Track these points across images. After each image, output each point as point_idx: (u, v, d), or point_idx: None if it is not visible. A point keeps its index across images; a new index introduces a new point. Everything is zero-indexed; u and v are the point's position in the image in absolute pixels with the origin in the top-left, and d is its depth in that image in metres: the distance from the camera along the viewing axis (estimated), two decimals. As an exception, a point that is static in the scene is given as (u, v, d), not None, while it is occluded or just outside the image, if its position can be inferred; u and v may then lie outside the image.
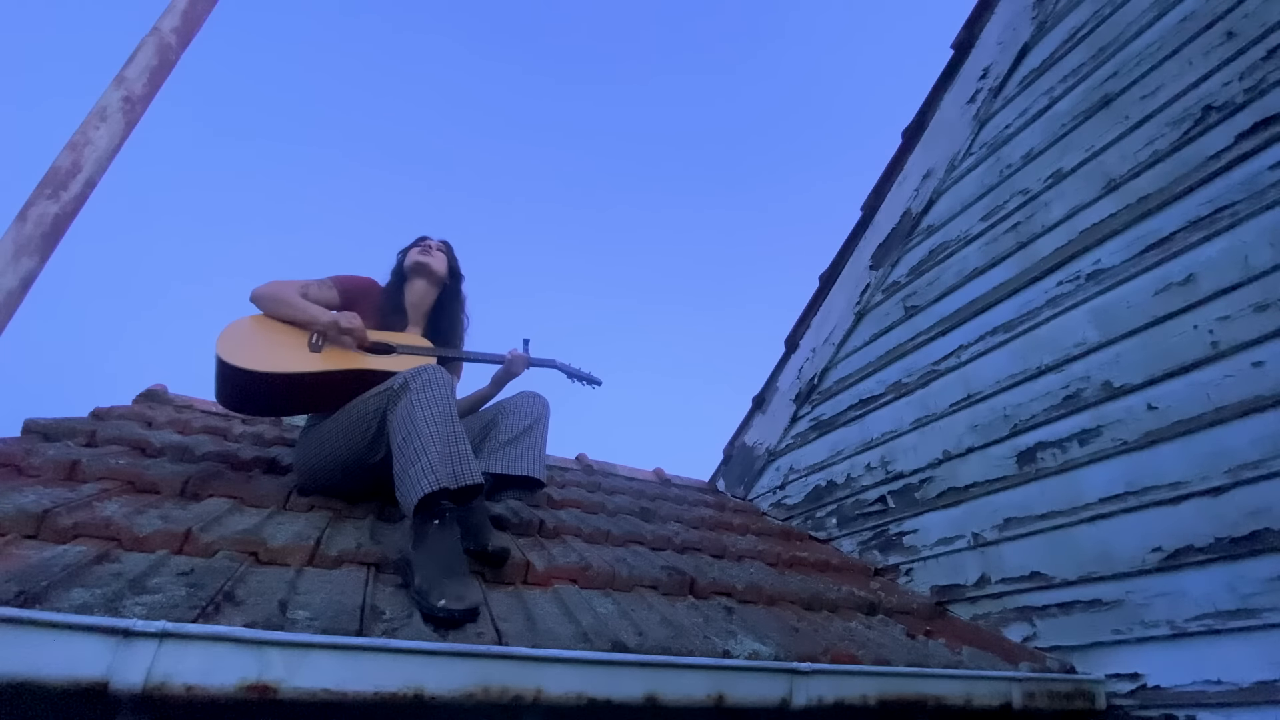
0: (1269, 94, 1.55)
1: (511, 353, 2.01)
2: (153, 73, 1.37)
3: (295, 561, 1.28)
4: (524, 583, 1.48)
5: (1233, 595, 1.40)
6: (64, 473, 1.45)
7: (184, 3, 1.46)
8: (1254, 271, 1.49)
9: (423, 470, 1.34)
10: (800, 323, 3.27)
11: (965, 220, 2.45)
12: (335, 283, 1.87)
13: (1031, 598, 1.81)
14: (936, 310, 2.45)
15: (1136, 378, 1.69)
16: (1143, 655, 1.53)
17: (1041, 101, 2.25)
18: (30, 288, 1.14)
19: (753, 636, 1.41)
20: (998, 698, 1.45)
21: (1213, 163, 1.63)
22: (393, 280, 2.05)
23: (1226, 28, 1.69)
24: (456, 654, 1.00)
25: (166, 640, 0.85)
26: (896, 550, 2.32)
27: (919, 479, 2.31)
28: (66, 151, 1.23)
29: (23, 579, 0.92)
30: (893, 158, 2.89)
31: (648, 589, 1.61)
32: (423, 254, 2.05)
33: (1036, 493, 1.88)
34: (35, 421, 1.73)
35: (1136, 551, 1.59)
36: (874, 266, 2.89)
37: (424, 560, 1.25)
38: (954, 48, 2.67)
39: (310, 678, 0.91)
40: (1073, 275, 1.94)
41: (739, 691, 1.18)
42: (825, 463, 2.84)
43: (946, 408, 2.27)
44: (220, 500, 1.50)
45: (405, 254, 2.08)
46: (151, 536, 1.20)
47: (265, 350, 1.63)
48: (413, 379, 1.51)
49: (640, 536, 2.07)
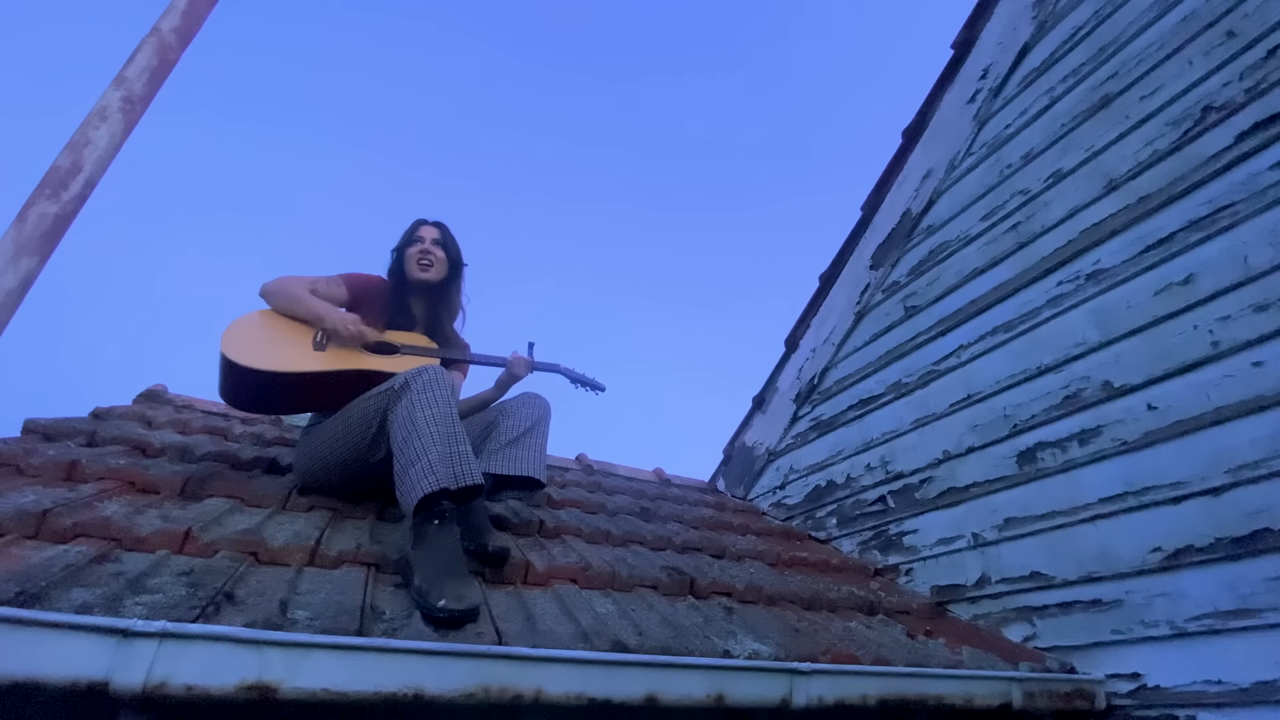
0: (1269, 94, 1.55)
1: (515, 355, 2.01)
2: (153, 73, 1.37)
3: (295, 561, 1.28)
4: (524, 583, 1.48)
5: (1233, 595, 1.40)
6: (64, 473, 1.45)
7: (184, 3, 1.46)
8: (1254, 271, 1.49)
9: (423, 470, 1.34)
10: (800, 323, 3.27)
11: (965, 220, 2.45)
12: (344, 280, 1.86)
13: (1031, 598, 1.81)
14: (936, 310, 2.45)
15: (1136, 378, 1.69)
16: (1143, 655, 1.53)
17: (1042, 101, 2.25)
18: (30, 288, 1.14)
19: (753, 636, 1.41)
20: (998, 698, 1.45)
21: (1213, 163, 1.63)
22: (394, 284, 1.94)
23: (1226, 28, 1.69)
24: (456, 654, 1.00)
25: (166, 640, 0.85)
26: (896, 550, 2.32)
27: (919, 479, 2.31)
28: (66, 151, 1.23)
29: (23, 579, 0.92)
30: (893, 158, 2.89)
31: (648, 589, 1.61)
32: (423, 267, 1.92)
33: (1036, 493, 1.88)
34: (35, 421, 1.73)
35: (1136, 551, 1.59)
36: (874, 266, 2.89)
37: (424, 560, 1.25)
38: (954, 48, 2.67)
39: (310, 678, 0.91)
40: (1073, 275, 1.94)
41: (739, 691, 1.18)
42: (825, 463, 2.84)
43: (946, 408, 2.27)
44: (220, 500, 1.50)
45: (403, 256, 1.94)
46: (151, 536, 1.20)
47: (270, 348, 1.63)
48: (413, 379, 1.51)
49: (640, 536, 2.07)
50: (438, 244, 1.97)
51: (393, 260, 2.00)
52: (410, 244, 1.96)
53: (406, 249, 1.95)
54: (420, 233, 1.98)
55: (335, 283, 1.83)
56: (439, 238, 1.99)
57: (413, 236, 1.98)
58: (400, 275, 1.95)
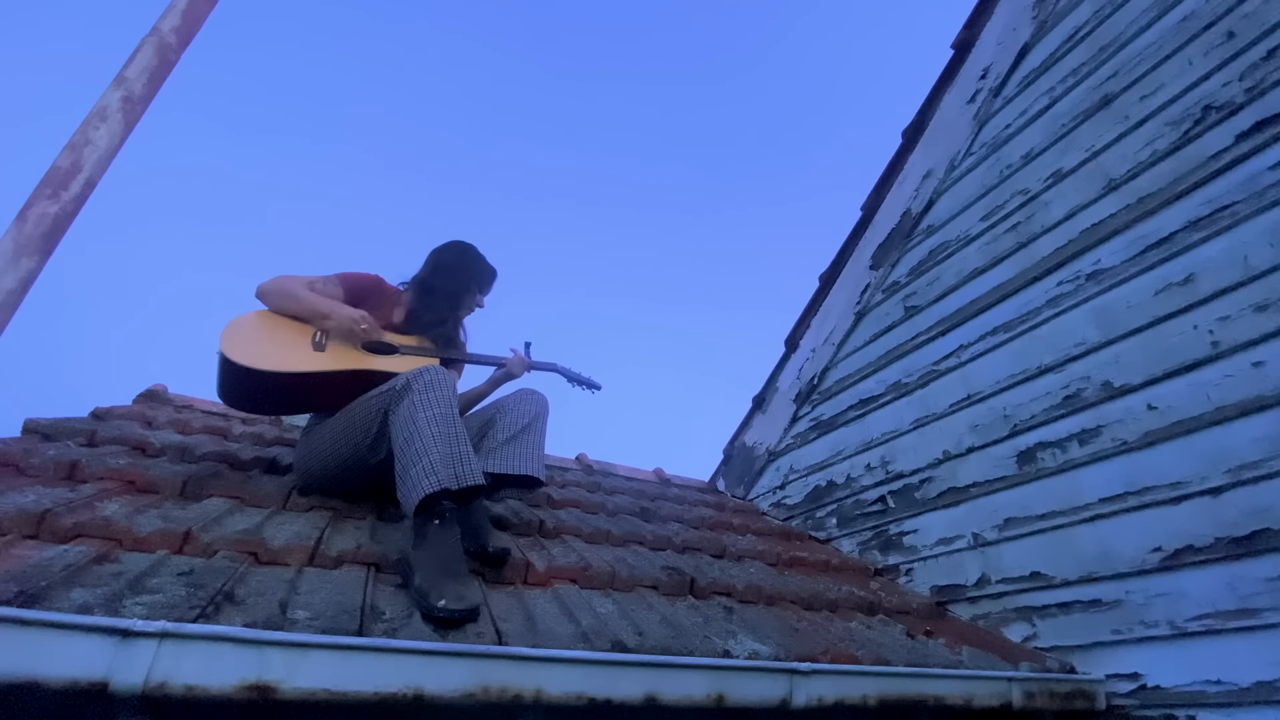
0: (1269, 94, 1.55)
1: (514, 354, 2.01)
2: (153, 73, 1.37)
3: (295, 561, 1.28)
4: (524, 583, 1.48)
5: (1233, 595, 1.40)
6: (64, 473, 1.45)
7: (184, 3, 1.46)
8: (1254, 271, 1.49)
9: (424, 471, 1.34)
10: (800, 323, 3.27)
11: (965, 220, 2.45)
12: (341, 280, 1.85)
13: (1031, 598, 1.81)
14: (936, 310, 2.45)
15: (1136, 378, 1.69)
16: (1143, 655, 1.53)
17: (1042, 101, 2.25)
18: (30, 288, 1.14)
19: (753, 636, 1.41)
20: (998, 698, 1.45)
21: (1213, 163, 1.63)
22: (427, 295, 1.93)
23: (1226, 28, 1.69)
24: (456, 654, 1.00)
25: (166, 640, 0.85)
26: (896, 550, 2.32)
27: (919, 479, 2.31)
28: (66, 151, 1.23)
29: (23, 579, 0.92)
30: (893, 158, 2.89)
31: (648, 589, 1.61)
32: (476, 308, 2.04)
33: (1036, 493, 1.88)
34: (35, 421, 1.73)
35: (1136, 551, 1.59)
36: (874, 266, 2.89)
37: (424, 560, 1.25)
38: (954, 48, 2.67)
39: (310, 678, 0.91)
40: (1073, 275, 1.94)
41: (739, 691, 1.18)
42: (825, 463, 2.84)
43: (946, 408, 2.27)
44: (220, 500, 1.50)
45: (460, 295, 1.97)
46: (151, 536, 1.20)
47: (269, 348, 1.62)
48: (415, 380, 1.51)
49: (640, 536, 2.07)
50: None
51: (437, 277, 1.97)
52: (469, 293, 2.00)
53: (465, 295, 1.99)
54: (486, 290, 2.06)
55: (332, 282, 1.83)
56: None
57: (481, 288, 2.04)
58: (441, 294, 1.95)
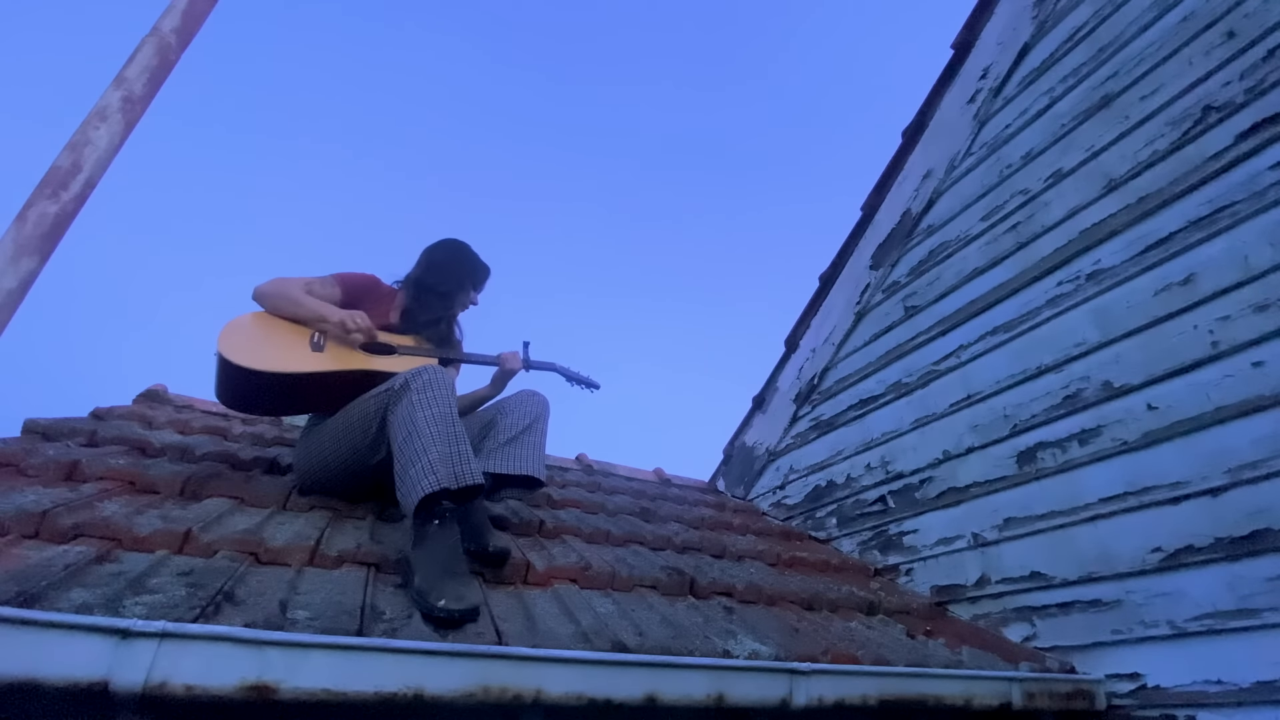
0: (1269, 94, 1.55)
1: (512, 355, 2.01)
2: (153, 73, 1.37)
3: (295, 561, 1.28)
4: (524, 583, 1.48)
5: (1233, 595, 1.40)
6: (64, 473, 1.45)
7: (184, 3, 1.46)
8: (1254, 271, 1.49)
9: (423, 470, 1.34)
10: (800, 323, 3.27)
11: (965, 220, 2.45)
12: (338, 280, 1.85)
13: (1031, 598, 1.81)
14: (936, 310, 2.45)
15: (1136, 378, 1.69)
16: (1143, 655, 1.53)
17: (1042, 101, 2.25)
18: (30, 288, 1.14)
19: (753, 636, 1.41)
20: (998, 698, 1.44)
21: (1213, 163, 1.63)
22: (422, 296, 1.94)
23: (1226, 28, 1.69)
24: (456, 654, 1.00)
25: (166, 640, 0.85)
26: (896, 550, 2.32)
27: (919, 479, 2.31)
28: (66, 151, 1.23)
29: (23, 579, 0.92)
30: (893, 158, 2.89)
31: (648, 589, 1.61)
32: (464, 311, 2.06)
33: (1036, 493, 1.88)
34: (35, 421, 1.73)
35: (1136, 551, 1.59)
36: (874, 266, 2.89)
37: (424, 560, 1.25)
38: (954, 48, 2.67)
39: (310, 678, 0.91)
40: (1073, 275, 1.94)
41: (739, 691, 1.18)
42: (825, 463, 2.84)
43: (946, 408, 2.27)
44: (220, 500, 1.50)
45: (455, 293, 1.98)
46: (151, 536, 1.20)
47: (267, 349, 1.62)
48: (413, 379, 1.51)
49: (640, 536, 2.07)
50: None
51: (431, 275, 1.98)
52: (464, 290, 2.02)
53: (459, 293, 2.01)
54: (480, 288, 2.08)
55: (329, 283, 1.83)
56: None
57: (476, 285, 2.06)
58: (435, 292, 1.96)
